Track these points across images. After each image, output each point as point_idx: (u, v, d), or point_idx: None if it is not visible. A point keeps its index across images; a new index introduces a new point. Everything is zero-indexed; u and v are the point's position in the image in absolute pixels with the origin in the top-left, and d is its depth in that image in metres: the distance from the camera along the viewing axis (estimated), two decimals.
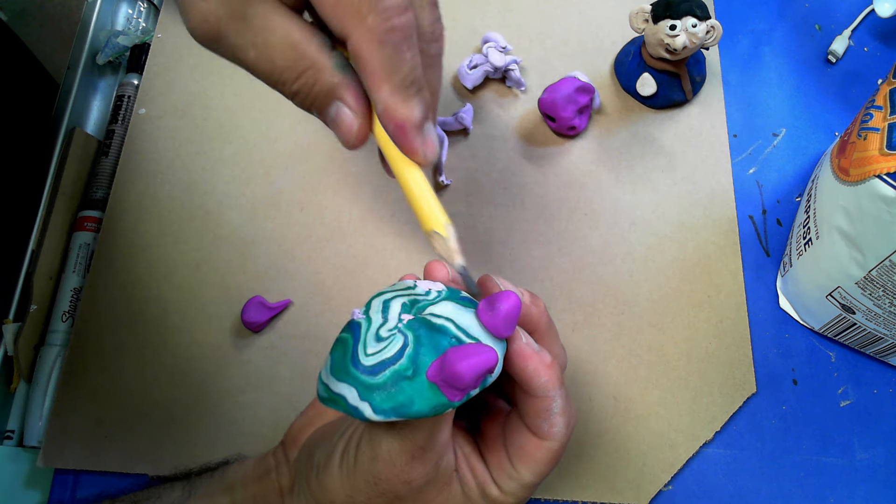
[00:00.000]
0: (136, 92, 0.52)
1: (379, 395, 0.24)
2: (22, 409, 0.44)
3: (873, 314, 0.41)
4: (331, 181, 0.49)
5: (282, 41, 0.25)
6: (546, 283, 0.46)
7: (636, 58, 0.51)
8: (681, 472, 0.43)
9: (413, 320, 0.25)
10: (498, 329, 0.26)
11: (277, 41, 0.25)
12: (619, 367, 0.45)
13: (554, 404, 0.28)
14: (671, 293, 0.46)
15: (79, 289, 0.46)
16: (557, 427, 0.29)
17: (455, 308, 0.26)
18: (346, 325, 0.27)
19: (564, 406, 0.29)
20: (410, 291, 0.27)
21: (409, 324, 0.25)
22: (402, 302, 0.26)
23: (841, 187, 0.39)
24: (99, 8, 0.53)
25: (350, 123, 0.26)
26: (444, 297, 0.27)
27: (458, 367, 0.23)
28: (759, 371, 0.45)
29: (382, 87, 0.25)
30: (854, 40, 0.55)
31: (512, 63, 0.50)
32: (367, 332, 0.25)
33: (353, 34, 0.24)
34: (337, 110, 0.26)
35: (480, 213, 0.48)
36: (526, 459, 0.29)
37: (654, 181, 0.50)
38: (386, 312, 0.26)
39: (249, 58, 0.25)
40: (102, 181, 0.49)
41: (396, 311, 0.26)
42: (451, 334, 0.25)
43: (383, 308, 0.26)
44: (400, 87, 0.25)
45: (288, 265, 0.46)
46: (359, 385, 0.25)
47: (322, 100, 0.26)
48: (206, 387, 0.43)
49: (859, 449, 0.44)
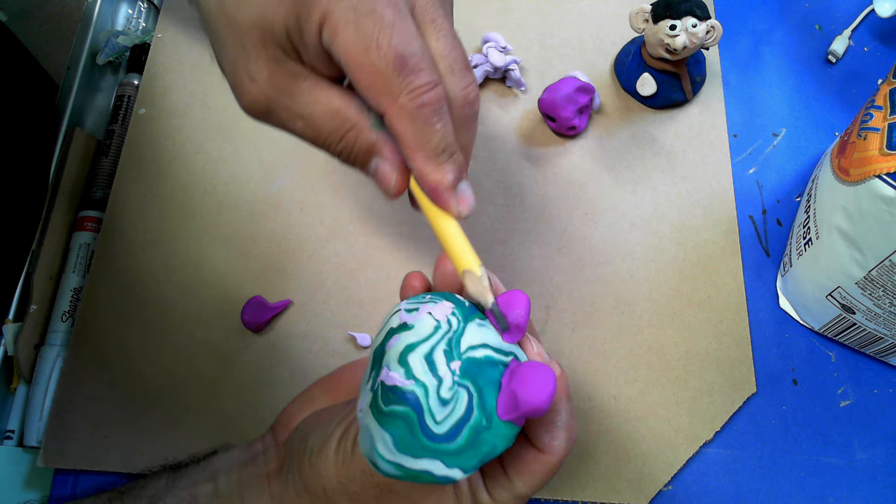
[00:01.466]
0: (136, 92, 0.52)
1: (465, 457, 0.24)
2: (22, 409, 0.44)
3: (873, 314, 0.41)
4: (331, 181, 0.49)
5: (325, 110, 0.28)
6: (546, 283, 0.46)
7: (636, 58, 0.51)
8: (681, 472, 0.43)
9: (462, 367, 0.25)
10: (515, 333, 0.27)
11: (321, 111, 0.28)
12: (619, 367, 0.45)
13: (559, 417, 0.28)
14: (671, 293, 0.46)
15: (79, 289, 0.46)
16: (559, 441, 0.28)
17: (477, 328, 0.26)
18: (386, 392, 0.25)
19: (568, 421, 0.29)
20: (439, 330, 0.26)
21: (462, 373, 0.25)
22: (443, 350, 0.25)
23: (841, 187, 0.39)
24: (99, 8, 0.53)
25: (388, 176, 0.29)
26: (462, 318, 0.26)
27: (535, 401, 0.24)
28: (759, 371, 0.45)
29: (416, 156, 0.27)
30: (854, 40, 0.55)
31: (512, 63, 0.50)
32: (427, 399, 0.24)
33: (388, 111, 0.26)
34: (377, 165, 0.29)
35: (480, 213, 0.48)
36: (522, 470, 0.29)
37: (654, 181, 0.50)
38: (434, 370, 0.24)
39: (297, 127, 0.28)
40: (102, 181, 0.49)
41: (444, 364, 0.25)
42: (495, 361, 0.25)
43: (429, 366, 0.25)
44: (432, 156, 0.27)
45: (288, 265, 0.46)
46: (442, 455, 0.24)
47: (363, 156, 0.29)
48: (206, 387, 0.43)
49: (859, 449, 0.44)
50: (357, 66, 0.26)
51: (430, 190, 0.28)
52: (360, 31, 0.25)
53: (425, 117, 0.26)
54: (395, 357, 0.25)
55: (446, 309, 0.26)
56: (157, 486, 0.33)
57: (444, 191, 0.27)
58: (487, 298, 0.27)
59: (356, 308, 0.45)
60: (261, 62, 0.27)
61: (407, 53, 0.26)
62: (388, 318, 0.27)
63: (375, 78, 0.26)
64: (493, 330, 0.27)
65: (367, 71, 0.26)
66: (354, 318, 0.45)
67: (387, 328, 0.26)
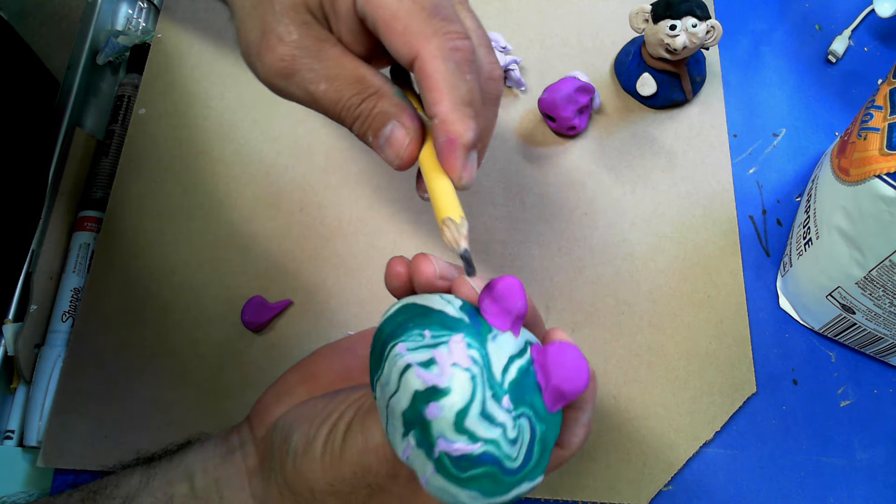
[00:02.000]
0: (136, 92, 0.52)
1: (542, 464, 0.25)
2: (22, 409, 0.44)
3: (873, 314, 0.41)
4: (331, 181, 0.49)
5: (350, 74, 0.28)
6: (546, 283, 0.46)
7: (636, 58, 0.51)
8: (681, 472, 0.43)
9: (512, 398, 0.24)
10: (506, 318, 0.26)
11: (347, 73, 0.28)
12: (619, 367, 0.45)
13: (583, 416, 0.27)
14: (671, 293, 0.46)
15: (79, 289, 0.46)
16: (578, 438, 0.28)
17: (494, 347, 0.25)
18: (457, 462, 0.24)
19: (590, 419, 0.28)
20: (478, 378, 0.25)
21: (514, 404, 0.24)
22: (491, 397, 0.24)
23: (841, 187, 0.39)
24: (99, 8, 0.53)
25: (402, 140, 0.28)
26: (478, 346, 0.25)
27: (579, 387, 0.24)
28: (759, 371, 0.45)
29: (443, 100, 0.26)
30: (854, 40, 0.55)
31: (512, 63, 0.50)
32: (501, 450, 0.24)
33: (421, 52, 0.26)
34: (392, 129, 0.28)
35: (480, 213, 0.48)
36: None
37: (654, 181, 0.50)
38: (494, 420, 0.24)
39: (320, 89, 0.28)
40: (102, 181, 0.49)
41: (498, 410, 0.24)
42: (526, 367, 0.25)
43: (489, 421, 0.24)
44: (459, 105, 0.26)
45: (288, 265, 0.46)
46: (526, 478, 0.24)
47: (379, 120, 0.28)
48: (206, 387, 0.43)
49: (859, 449, 0.44)
50: (391, 16, 0.26)
51: (447, 142, 0.27)
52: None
53: (457, 62, 0.26)
54: (449, 428, 0.24)
55: (462, 347, 0.25)
56: (130, 485, 0.32)
57: (459, 146, 0.27)
58: (461, 244, 0.26)
59: (356, 308, 0.45)
60: (292, 25, 0.28)
61: (441, 4, 0.26)
62: (392, 363, 0.25)
63: (410, 21, 0.26)
64: (502, 334, 0.26)
65: (401, 16, 0.26)
66: (354, 318, 0.45)
67: (405, 386, 0.24)
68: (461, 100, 0.26)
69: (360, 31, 0.28)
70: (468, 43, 0.27)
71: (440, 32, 0.26)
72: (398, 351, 0.25)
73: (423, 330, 0.25)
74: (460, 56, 0.26)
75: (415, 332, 0.25)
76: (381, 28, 0.26)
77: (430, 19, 0.26)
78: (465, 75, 0.27)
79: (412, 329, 0.25)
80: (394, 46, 0.27)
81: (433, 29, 0.26)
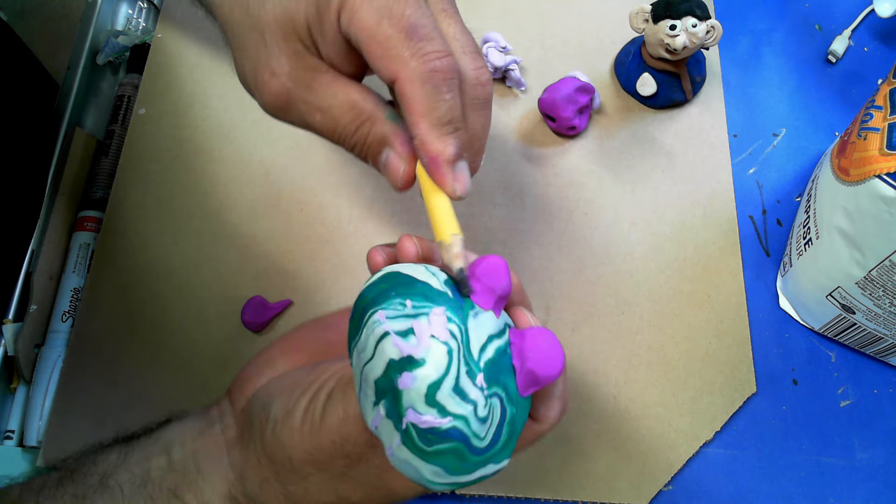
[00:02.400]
0: (136, 92, 0.52)
1: (509, 446, 0.25)
2: (22, 409, 0.44)
3: (873, 314, 0.41)
4: (331, 181, 0.49)
5: (343, 102, 0.29)
6: (546, 283, 0.46)
7: (636, 58, 0.51)
8: (681, 472, 0.43)
9: (486, 377, 0.24)
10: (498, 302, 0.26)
11: (339, 103, 0.29)
12: (619, 367, 0.45)
13: (556, 389, 0.28)
14: (671, 293, 0.46)
15: (79, 289, 0.46)
16: (554, 411, 0.28)
17: (475, 323, 0.25)
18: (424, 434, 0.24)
19: (564, 391, 0.28)
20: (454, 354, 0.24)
21: (488, 382, 0.24)
22: (465, 373, 0.24)
23: (841, 187, 0.39)
24: (99, 8, 0.53)
25: (397, 167, 0.29)
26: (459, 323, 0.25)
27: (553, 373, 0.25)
28: (759, 371, 0.45)
29: (421, 122, 0.27)
30: (854, 40, 0.55)
31: (512, 63, 0.50)
32: (469, 427, 0.24)
33: (399, 76, 0.27)
34: (387, 156, 0.29)
35: (480, 213, 0.48)
36: None
37: (654, 181, 0.50)
38: (466, 397, 0.24)
39: (316, 120, 0.29)
40: (102, 181, 0.49)
41: (471, 387, 0.24)
42: (503, 348, 0.25)
43: (461, 397, 0.24)
44: (437, 125, 0.27)
45: (288, 265, 0.46)
46: (492, 459, 0.25)
47: (375, 147, 0.30)
48: (206, 387, 0.43)
49: (859, 449, 0.44)
50: (371, 38, 0.27)
51: (429, 161, 0.28)
52: (375, 6, 0.26)
53: (435, 83, 0.27)
54: (419, 399, 0.23)
55: (442, 321, 0.25)
56: (108, 462, 0.31)
57: (442, 163, 0.27)
58: (454, 265, 0.27)
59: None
60: (283, 57, 0.29)
61: (419, 23, 0.27)
62: (370, 330, 0.25)
63: (389, 44, 0.26)
64: (484, 312, 0.26)
65: (380, 40, 0.26)
66: None
67: (380, 353, 0.24)
68: (438, 120, 0.27)
69: (348, 51, 0.28)
70: (447, 61, 0.27)
71: (417, 55, 0.26)
72: (377, 318, 0.25)
73: (404, 299, 0.25)
74: (439, 77, 0.27)
75: (396, 301, 0.25)
76: (364, 49, 0.27)
77: (406, 41, 0.26)
78: (444, 95, 0.27)
79: (394, 297, 0.25)
80: (375, 68, 0.27)
81: (410, 52, 0.26)
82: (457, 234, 0.28)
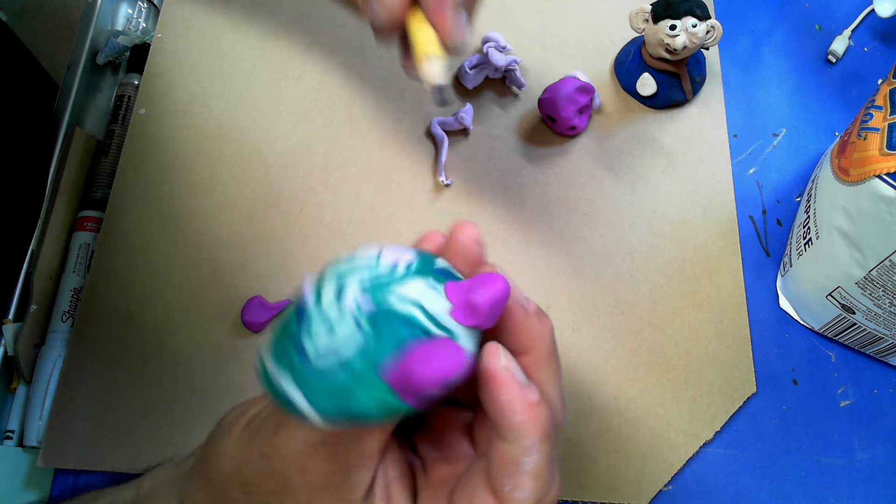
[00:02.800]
0: (136, 92, 0.52)
1: (325, 399, 0.21)
2: (22, 409, 0.44)
3: (873, 314, 0.41)
4: (331, 181, 0.49)
5: None
6: (546, 283, 0.46)
7: (636, 58, 0.51)
8: (681, 472, 0.43)
9: (373, 311, 0.21)
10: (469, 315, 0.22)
11: None
12: (619, 367, 0.45)
13: (526, 458, 0.22)
14: (671, 293, 0.46)
15: (79, 289, 0.46)
16: (522, 492, 0.22)
17: (426, 288, 0.22)
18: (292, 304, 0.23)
19: (541, 469, 0.22)
20: (373, 266, 0.22)
21: (368, 315, 0.21)
22: (360, 279, 0.22)
23: (841, 187, 0.39)
24: (99, 8, 0.53)
25: None
26: (413, 271, 0.22)
27: (416, 372, 0.20)
28: (759, 371, 0.45)
29: None
30: (854, 40, 0.55)
31: (512, 63, 0.50)
32: (314, 312, 0.21)
33: None
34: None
35: (480, 213, 0.48)
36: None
37: (654, 181, 0.50)
38: (340, 292, 0.21)
39: None
40: (102, 181, 0.49)
41: (352, 293, 0.21)
42: (417, 325, 0.21)
43: (337, 286, 0.22)
44: None
45: (288, 265, 0.46)
46: (302, 383, 0.21)
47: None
48: (206, 387, 0.43)
49: (859, 449, 0.44)
50: None
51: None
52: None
53: None
54: (317, 276, 0.23)
55: (402, 255, 0.23)
56: (84, 499, 0.32)
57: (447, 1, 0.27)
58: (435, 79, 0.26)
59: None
60: None
61: None
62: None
63: None
64: (445, 299, 0.22)
65: None
66: None
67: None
68: None
69: None
70: None
71: None
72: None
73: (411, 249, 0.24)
74: None
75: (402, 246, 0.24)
76: None
77: None
78: None
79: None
80: None
81: None
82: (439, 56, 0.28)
